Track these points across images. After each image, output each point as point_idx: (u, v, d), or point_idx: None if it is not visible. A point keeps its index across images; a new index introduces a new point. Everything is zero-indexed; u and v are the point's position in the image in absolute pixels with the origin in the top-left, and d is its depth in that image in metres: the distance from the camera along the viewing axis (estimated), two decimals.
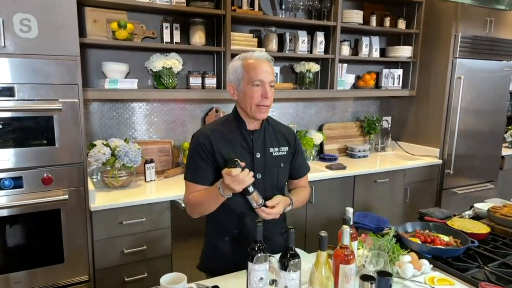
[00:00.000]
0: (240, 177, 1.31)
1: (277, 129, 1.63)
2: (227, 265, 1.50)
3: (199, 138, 1.52)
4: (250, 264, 1.21)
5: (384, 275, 1.05)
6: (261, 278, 1.19)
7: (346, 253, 1.18)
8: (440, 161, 3.45)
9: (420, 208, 3.36)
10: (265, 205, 1.45)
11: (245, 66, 1.47)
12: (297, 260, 1.15)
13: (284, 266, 1.15)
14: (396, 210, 3.31)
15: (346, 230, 1.18)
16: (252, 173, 1.35)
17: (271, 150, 1.57)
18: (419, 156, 3.53)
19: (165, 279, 1.16)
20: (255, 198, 1.42)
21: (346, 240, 1.18)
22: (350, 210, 1.34)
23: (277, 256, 1.53)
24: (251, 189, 1.39)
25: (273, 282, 1.23)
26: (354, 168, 3.10)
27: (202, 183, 1.50)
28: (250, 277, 1.20)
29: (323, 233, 1.13)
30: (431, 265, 1.47)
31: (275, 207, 1.46)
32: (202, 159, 1.50)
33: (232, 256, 1.54)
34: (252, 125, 1.56)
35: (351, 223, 1.35)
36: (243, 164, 1.35)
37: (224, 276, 1.44)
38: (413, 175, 3.33)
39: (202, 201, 1.47)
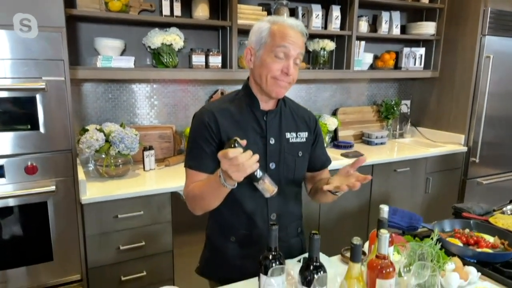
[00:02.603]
0: (239, 160, 0.99)
1: (295, 110, 1.37)
2: (233, 271, 1.26)
3: (203, 116, 1.25)
4: (263, 277, 0.97)
5: None
6: None
7: (384, 265, 0.94)
8: (465, 149, 3.17)
9: (442, 199, 3.17)
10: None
11: (272, 31, 1.21)
12: (322, 274, 0.91)
13: (306, 281, 0.91)
14: (417, 201, 3.06)
15: (385, 236, 0.93)
16: (257, 156, 1.04)
17: (288, 135, 1.31)
18: (441, 143, 3.25)
19: None
20: (267, 186, 1.12)
21: (384, 249, 0.94)
22: (385, 209, 1.09)
23: (294, 260, 1.31)
24: (258, 173, 1.08)
25: None
26: (371, 156, 2.84)
27: (207, 171, 1.23)
28: None
29: (357, 241, 0.88)
30: (479, 273, 1.23)
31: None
32: (207, 141, 1.24)
33: (239, 261, 1.30)
34: (266, 105, 1.30)
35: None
36: (244, 142, 1.04)
37: (229, 287, 1.20)
38: (435, 163, 3.06)
39: (203, 192, 1.20)
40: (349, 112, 3.30)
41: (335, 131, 3.19)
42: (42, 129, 1.77)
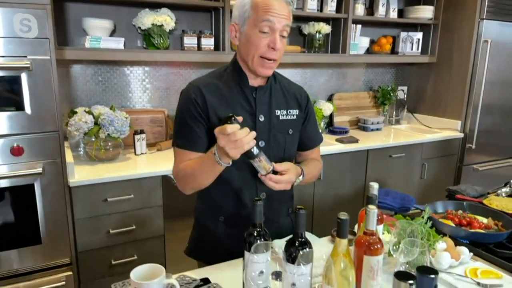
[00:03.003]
0: (238, 136, 1.00)
1: (285, 87, 1.34)
2: (221, 252, 1.24)
3: (190, 93, 1.22)
4: (247, 254, 0.94)
5: (426, 272, 0.77)
6: (261, 272, 0.93)
7: (372, 241, 0.91)
8: (462, 135, 3.14)
9: (437, 185, 3.14)
10: (274, 172, 1.16)
11: (255, 3, 1.16)
12: (308, 250, 0.88)
13: (291, 258, 0.88)
14: (412, 187, 3.04)
15: (373, 211, 0.90)
16: (254, 133, 1.04)
17: (278, 112, 1.28)
18: (438, 129, 3.22)
19: (137, 273, 0.89)
20: (263, 164, 1.11)
21: (372, 225, 0.91)
22: (375, 186, 1.06)
23: (282, 240, 1.28)
24: (255, 150, 1.08)
25: (277, 275, 0.96)
26: (367, 141, 2.81)
27: (196, 150, 1.21)
28: (247, 270, 0.93)
29: (343, 216, 0.85)
30: (471, 253, 1.21)
31: (285, 174, 1.17)
32: (195, 119, 1.20)
33: (227, 241, 1.27)
34: (255, 81, 1.26)
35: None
36: (240, 119, 1.04)
37: (216, 266, 1.18)
38: (431, 149, 3.03)
39: (195, 171, 1.17)
40: (345, 98, 3.26)
41: (331, 116, 3.15)
42: (28, 110, 1.73)
